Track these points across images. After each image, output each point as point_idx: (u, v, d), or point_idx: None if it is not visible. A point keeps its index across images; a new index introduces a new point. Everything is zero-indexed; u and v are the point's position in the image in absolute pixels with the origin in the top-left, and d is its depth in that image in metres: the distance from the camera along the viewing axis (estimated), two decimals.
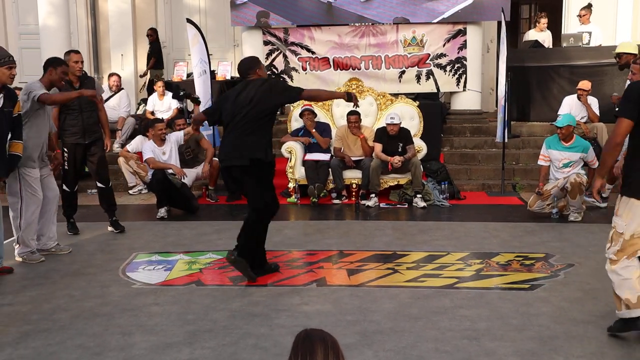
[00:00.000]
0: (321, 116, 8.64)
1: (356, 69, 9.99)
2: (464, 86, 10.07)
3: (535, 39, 10.61)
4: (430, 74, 10.00)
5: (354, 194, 7.95)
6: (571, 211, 6.91)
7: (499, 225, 6.80)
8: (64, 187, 6.50)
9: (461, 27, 9.90)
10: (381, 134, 8.01)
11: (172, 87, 10.39)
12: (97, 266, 5.55)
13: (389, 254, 5.78)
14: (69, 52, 6.45)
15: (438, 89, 10.03)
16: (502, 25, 8.85)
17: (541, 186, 7.09)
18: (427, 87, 10.03)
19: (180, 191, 7.44)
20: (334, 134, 8.39)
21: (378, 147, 7.96)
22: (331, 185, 8.09)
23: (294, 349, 2.00)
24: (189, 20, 9.48)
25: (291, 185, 8.10)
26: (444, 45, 9.94)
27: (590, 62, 9.57)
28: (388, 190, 8.10)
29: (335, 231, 6.63)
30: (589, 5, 10.48)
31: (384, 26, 9.96)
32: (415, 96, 9.44)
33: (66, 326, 4.25)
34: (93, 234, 6.64)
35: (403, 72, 10.03)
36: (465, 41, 9.92)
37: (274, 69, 10.09)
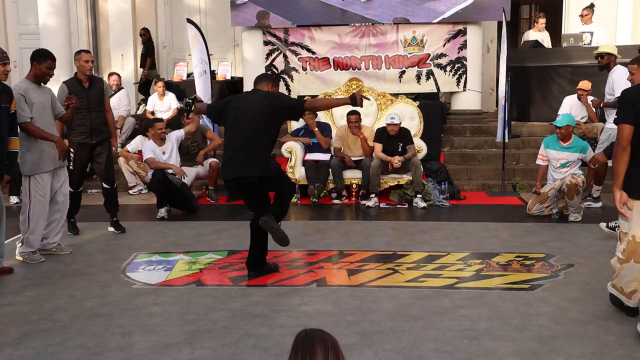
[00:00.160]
0: (321, 116, 8.62)
1: (356, 69, 9.98)
2: (464, 86, 10.07)
3: (534, 39, 10.61)
4: (430, 74, 10.00)
5: (354, 194, 7.94)
6: (571, 211, 6.91)
7: (499, 225, 6.80)
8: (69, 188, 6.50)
9: (461, 27, 9.89)
10: (381, 134, 8.01)
11: (173, 87, 10.41)
12: (98, 266, 5.55)
13: (389, 254, 5.78)
14: (79, 51, 6.47)
15: (438, 89, 10.02)
16: (503, 25, 8.85)
17: (539, 186, 7.10)
18: (427, 87, 10.02)
19: (180, 191, 7.44)
20: (334, 134, 8.38)
21: (378, 147, 7.95)
22: (331, 186, 8.09)
23: (294, 349, 2.00)
24: (189, 20, 9.49)
25: None
26: (444, 45, 9.94)
27: (591, 62, 9.52)
28: (388, 191, 8.09)
29: (335, 231, 6.62)
30: (591, 5, 10.47)
31: (384, 26, 9.95)
32: (415, 96, 9.43)
33: (66, 326, 4.25)
34: (93, 234, 6.64)
35: (403, 72, 10.02)
36: (466, 41, 9.91)
37: (274, 69, 10.08)
